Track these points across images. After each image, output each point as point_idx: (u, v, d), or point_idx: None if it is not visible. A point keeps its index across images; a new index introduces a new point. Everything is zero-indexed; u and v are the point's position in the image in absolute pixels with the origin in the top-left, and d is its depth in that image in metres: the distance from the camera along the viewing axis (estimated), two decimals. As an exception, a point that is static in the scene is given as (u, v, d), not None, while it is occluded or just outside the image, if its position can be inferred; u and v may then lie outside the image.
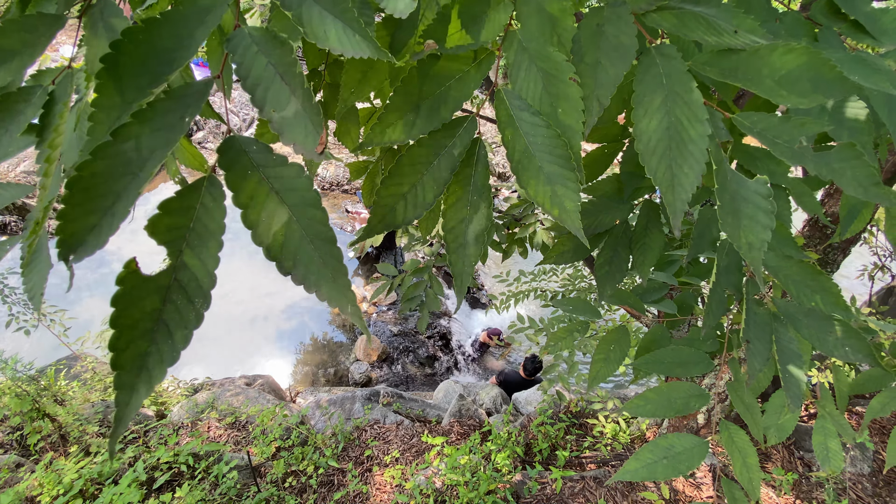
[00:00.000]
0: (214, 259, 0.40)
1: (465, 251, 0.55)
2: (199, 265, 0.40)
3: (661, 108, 0.56)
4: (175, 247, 0.40)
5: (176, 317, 0.39)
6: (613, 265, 1.03)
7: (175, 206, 0.41)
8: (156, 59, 0.47)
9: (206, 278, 0.40)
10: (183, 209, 0.41)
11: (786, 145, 0.58)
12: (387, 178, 0.55)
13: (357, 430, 4.09)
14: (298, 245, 0.42)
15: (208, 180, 0.42)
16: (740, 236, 0.56)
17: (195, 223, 0.41)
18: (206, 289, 0.40)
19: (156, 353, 0.38)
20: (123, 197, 0.42)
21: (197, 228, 0.41)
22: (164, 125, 0.44)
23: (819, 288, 0.96)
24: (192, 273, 0.40)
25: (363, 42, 0.47)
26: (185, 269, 0.40)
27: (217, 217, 0.41)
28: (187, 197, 0.42)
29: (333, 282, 0.42)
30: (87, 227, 0.40)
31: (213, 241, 0.40)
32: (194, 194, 0.42)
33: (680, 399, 1.17)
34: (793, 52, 0.60)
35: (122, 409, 0.37)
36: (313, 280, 0.42)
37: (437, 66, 0.57)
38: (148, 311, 0.38)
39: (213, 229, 0.41)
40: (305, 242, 0.42)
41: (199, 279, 0.40)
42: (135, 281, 0.38)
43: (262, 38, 0.47)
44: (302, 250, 0.42)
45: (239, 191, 0.43)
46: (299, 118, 0.43)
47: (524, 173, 0.56)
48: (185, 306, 0.39)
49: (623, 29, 0.58)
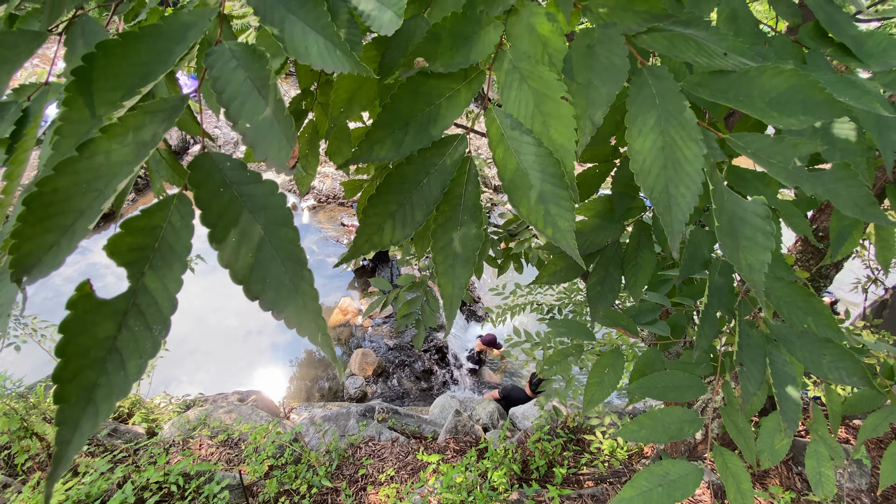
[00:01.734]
0: (177, 282, 0.38)
1: (454, 273, 0.53)
2: (160, 289, 0.37)
3: (655, 127, 0.55)
4: (137, 268, 0.38)
5: (131, 345, 0.36)
6: (605, 285, 1.02)
7: (140, 225, 0.39)
8: (131, 72, 0.45)
9: (167, 303, 0.38)
10: (148, 228, 0.39)
11: (780, 165, 0.58)
12: (374, 196, 0.53)
13: (352, 447, 4.01)
14: (269, 267, 0.40)
15: (178, 198, 0.40)
16: (740, 258, 0.55)
17: (160, 243, 0.39)
18: (166, 314, 0.38)
19: (105, 385, 0.35)
20: (86, 214, 0.39)
21: (162, 249, 0.38)
22: (134, 141, 0.42)
23: (811, 310, 0.95)
24: (152, 297, 0.37)
25: (344, 57, 0.46)
26: (146, 293, 0.37)
27: (184, 237, 0.39)
28: (154, 215, 0.39)
29: (304, 308, 0.40)
30: (44, 246, 0.38)
31: (178, 263, 0.38)
32: (162, 212, 0.40)
33: (674, 424, 1.15)
34: (782, 74, 0.60)
35: (62, 449, 0.34)
36: (282, 305, 0.40)
37: (426, 84, 0.56)
38: (101, 338, 0.36)
39: (179, 250, 0.39)
40: (276, 264, 0.40)
41: (159, 304, 0.37)
42: (88, 305, 0.36)
43: (242, 52, 0.45)
44: (272, 273, 0.40)
45: (208, 209, 0.40)
46: (273, 131, 0.41)
47: (516, 192, 0.54)
48: (143, 333, 0.36)
49: (614, 50, 0.58)
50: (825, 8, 0.96)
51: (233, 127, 0.42)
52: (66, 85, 0.43)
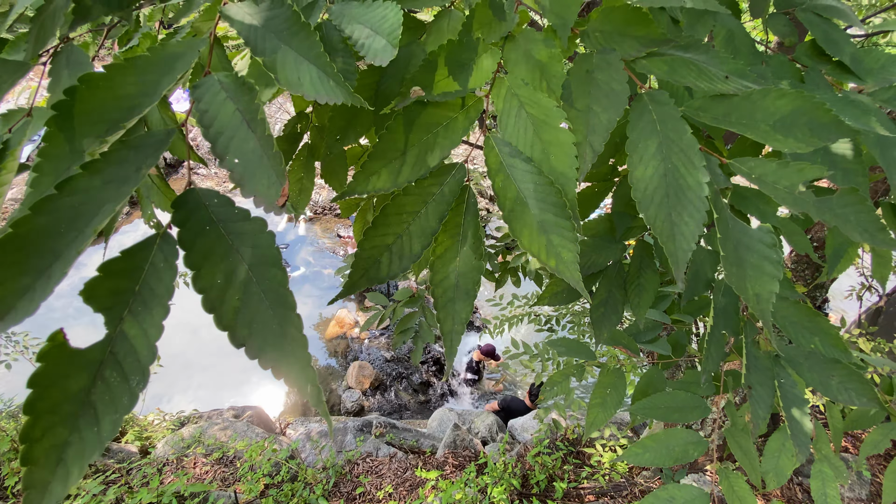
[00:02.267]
0: (158, 329, 0.36)
1: (453, 308, 0.51)
2: (140, 336, 0.35)
3: (657, 154, 0.54)
4: (115, 314, 0.35)
5: (106, 398, 0.34)
6: (609, 306, 1.00)
7: (120, 268, 0.36)
8: (115, 106, 0.43)
9: (147, 351, 0.35)
10: (129, 270, 0.37)
11: (786, 191, 0.56)
12: (370, 229, 0.51)
13: (349, 463, 3.94)
14: (256, 310, 0.38)
15: (162, 238, 0.38)
16: (747, 287, 0.53)
17: (141, 287, 0.36)
18: (145, 364, 0.35)
19: (77, 442, 0.33)
20: (63, 256, 0.37)
21: (143, 293, 0.36)
22: (117, 177, 0.40)
23: (817, 329, 0.93)
24: (131, 345, 0.35)
25: (338, 88, 0.44)
26: (125, 341, 0.35)
27: (167, 280, 0.37)
28: (135, 256, 0.37)
29: (293, 356, 0.38)
30: (19, 290, 0.36)
31: (160, 308, 0.36)
32: (144, 253, 0.38)
33: (678, 446, 1.13)
34: (786, 96, 0.59)
35: (29, 515, 0.31)
36: (270, 353, 0.37)
37: (423, 113, 0.55)
38: (73, 391, 0.33)
39: (161, 294, 0.36)
40: (264, 307, 0.38)
41: (138, 352, 0.35)
42: (61, 355, 0.33)
43: (231, 84, 0.44)
44: (259, 317, 0.38)
45: (193, 249, 0.38)
46: (262, 167, 0.40)
47: (517, 222, 0.53)
48: (119, 386, 0.34)
49: (614, 75, 0.57)
50: (822, 26, 0.96)
51: (220, 163, 0.40)
52: (47, 120, 0.41)
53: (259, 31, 0.48)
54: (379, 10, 0.51)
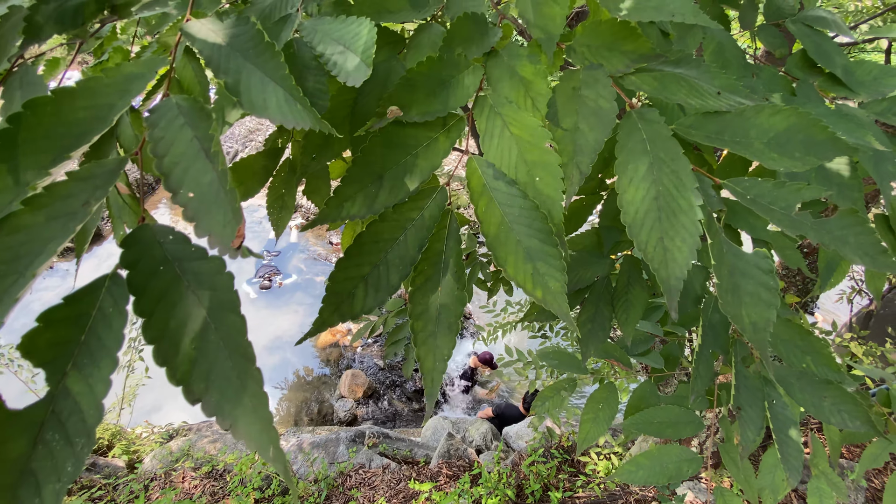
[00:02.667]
0: (106, 383, 0.32)
1: (434, 343, 0.48)
2: (85, 392, 0.32)
3: (647, 176, 0.51)
4: (57, 368, 0.32)
5: (48, 464, 0.30)
6: (596, 323, 0.98)
7: (62, 316, 0.33)
8: (64, 133, 0.40)
9: (93, 409, 0.32)
10: (73, 318, 0.33)
11: (782, 212, 0.54)
12: (342, 259, 0.48)
13: (341, 475, 3.88)
14: (214, 361, 0.34)
15: (111, 280, 0.35)
16: (742, 316, 0.51)
17: (88, 336, 0.33)
18: (91, 424, 0.31)
19: None
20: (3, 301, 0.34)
21: (89, 343, 0.33)
22: (62, 212, 0.36)
23: (810, 349, 0.91)
24: (75, 403, 0.31)
25: (305, 112, 0.41)
26: (68, 399, 0.31)
27: (116, 327, 0.34)
28: (81, 302, 0.34)
29: (254, 413, 0.34)
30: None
31: (108, 360, 0.32)
32: (90, 298, 0.34)
33: (672, 464, 1.11)
34: (780, 113, 0.57)
35: None
36: (229, 410, 0.34)
37: (401, 134, 0.52)
38: (11, 458, 0.30)
39: (110, 344, 0.33)
40: (223, 357, 0.34)
41: (83, 411, 0.31)
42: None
43: (190, 108, 0.40)
44: (217, 368, 0.34)
45: (144, 293, 0.35)
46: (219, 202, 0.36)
47: (501, 249, 0.50)
48: (62, 450, 0.30)
49: (601, 92, 0.54)
50: (813, 37, 0.95)
51: (173, 198, 0.37)
52: (-12, 149, 0.37)
53: (223, 49, 0.45)
54: (353, 27, 0.49)
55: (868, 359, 3.67)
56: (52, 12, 0.48)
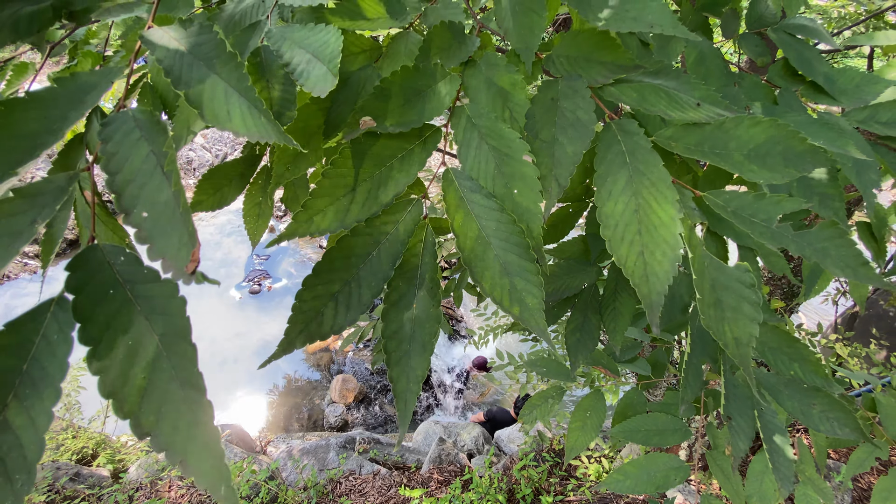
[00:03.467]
0: (48, 416, 0.30)
1: (408, 363, 0.46)
2: (26, 425, 0.29)
3: (627, 189, 0.50)
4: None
5: None
6: (584, 332, 0.96)
7: (3, 344, 0.31)
8: (13, 146, 0.38)
9: (34, 444, 0.29)
10: (14, 346, 0.31)
11: (763, 225, 0.53)
12: (310, 277, 0.46)
13: (331, 482, 3.84)
14: (165, 391, 0.32)
15: (56, 304, 0.33)
16: (725, 331, 0.50)
17: (30, 365, 0.31)
18: (32, 460, 0.29)
19: None
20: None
21: (31, 372, 0.30)
22: (7, 231, 0.34)
23: (797, 356, 0.91)
24: (16, 437, 0.29)
25: (269, 126, 0.39)
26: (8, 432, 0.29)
27: (60, 355, 0.31)
28: (23, 328, 0.32)
29: (206, 449, 0.32)
30: None
31: (51, 390, 0.30)
32: (33, 324, 0.32)
33: (660, 472, 1.10)
34: (760, 124, 0.56)
35: None
36: (180, 444, 0.31)
37: (375, 145, 0.50)
38: None
39: (53, 373, 0.31)
40: (174, 388, 0.32)
41: (24, 446, 0.29)
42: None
43: (147, 121, 0.38)
44: (169, 399, 0.32)
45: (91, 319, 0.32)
46: (174, 224, 0.34)
47: (478, 264, 0.48)
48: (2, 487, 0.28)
49: (580, 104, 0.53)
50: (794, 46, 0.95)
51: (125, 218, 0.35)
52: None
53: (185, 57, 0.43)
54: (321, 35, 0.47)
55: (853, 360, 3.72)
56: (6, 20, 0.46)
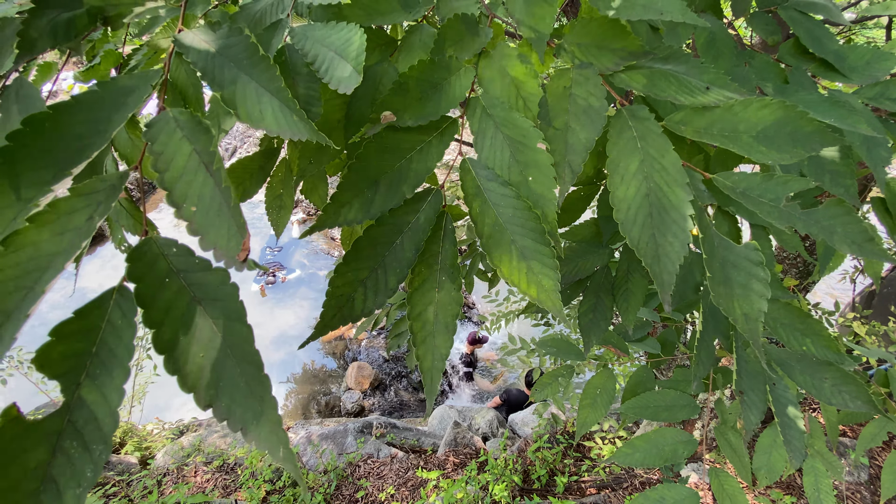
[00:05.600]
0: (119, 392, 0.34)
1: (433, 342, 0.50)
2: (100, 401, 0.33)
3: (638, 173, 0.52)
4: (71, 380, 0.33)
5: (67, 471, 0.32)
6: (597, 312, 0.99)
7: (73, 329, 0.34)
8: (64, 148, 0.41)
9: (108, 418, 0.33)
10: (84, 331, 0.34)
11: (771, 205, 0.55)
12: (341, 264, 0.49)
13: (350, 465, 3.95)
14: (222, 368, 0.36)
15: (118, 292, 0.36)
16: (735, 307, 0.52)
17: (99, 347, 0.34)
18: (107, 431, 0.33)
19: None
20: (13, 317, 0.35)
21: (101, 354, 0.34)
22: (67, 228, 0.37)
23: (809, 331, 0.92)
24: (90, 412, 0.33)
25: (301, 123, 0.42)
26: (83, 408, 0.33)
27: (126, 338, 0.35)
28: (90, 315, 0.35)
29: (263, 416, 0.36)
30: (-35, 355, 0.34)
31: (120, 370, 0.34)
32: (99, 311, 0.35)
33: (668, 446, 1.13)
34: (768, 106, 0.57)
35: None
36: (239, 414, 0.35)
37: (395, 138, 0.53)
38: (32, 466, 0.31)
39: (121, 354, 0.34)
40: (231, 365, 0.36)
41: (99, 419, 0.33)
42: (16, 430, 0.31)
43: (187, 122, 0.41)
44: (226, 375, 0.36)
45: (152, 305, 0.36)
46: (222, 216, 0.37)
47: (496, 249, 0.51)
48: (81, 456, 0.32)
49: (592, 91, 0.55)
50: (804, 24, 0.94)
51: (176, 213, 0.38)
52: (-9, 168, 0.38)
53: (217, 59, 0.46)
54: (343, 33, 0.49)
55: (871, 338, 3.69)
56: (45, 27, 0.49)
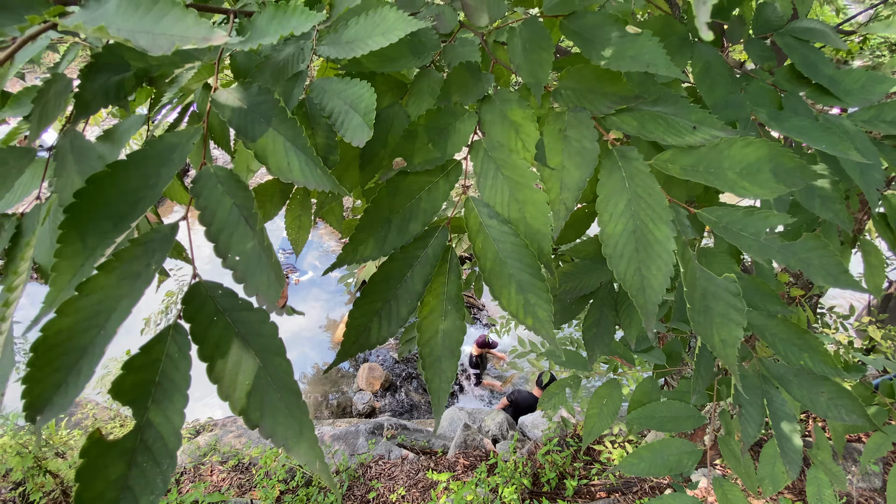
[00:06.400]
0: (180, 415, 0.40)
1: (440, 366, 0.55)
2: (165, 422, 0.40)
3: (626, 211, 0.57)
4: (140, 405, 0.40)
5: (142, 482, 0.38)
6: (601, 327, 1.04)
7: (140, 363, 0.41)
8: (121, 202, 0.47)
9: (173, 437, 0.39)
10: (148, 364, 0.41)
11: (752, 238, 0.59)
12: (360, 299, 0.55)
13: (362, 466, 4.03)
14: (265, 394, 0.42)
15: (174, 329, 0.43)
16: (713, 334, 0.56)
17: (161, 377, 0.41)
18: (173, 448, 0.39)
19: None
20: (90, 353, 0.42)
21: (163, 383, 0.41)
22: (130, 273, 0.44)
23: (806, 346, 0.96)
24: (157, 432, 0.39)
25: (324, 177, 0.48)
26: (151, 428, 0.39)
27: (183, 368, 0.41)
28: (152, 350, 0.42)
29: (301, 435, 0.42)
30: (53, 385, 0.41)
31: (179, 396, 0.40)
32: (159, 346, 0.42)
33: (673, 456, 1.17)
34: (752, 144, 0.62)
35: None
36: (281, 433, 0.41)
37: (405, 182, 0.58)
38: (113, 479, 0.37)
39: (179, 382, 0.41)
40: (272, 391, 0.42)
41: (164, 438, 0.39)
42: (99, 450, 0.38)
43: (226, 177, 0.48)
44: (269, 400, 0.42)
45: (204, 341, 0.42)
46: (262, 265, 0.44)
47: (497, 282, 0.56)
48: (152, 469, 0.38)
49: (585, 133, 0.60)
50: (800, 49, 0.98)
51: (223, 263, 0.44)
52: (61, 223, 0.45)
53: (248, 114, 0.52)
54: (356, 88, 0.55)
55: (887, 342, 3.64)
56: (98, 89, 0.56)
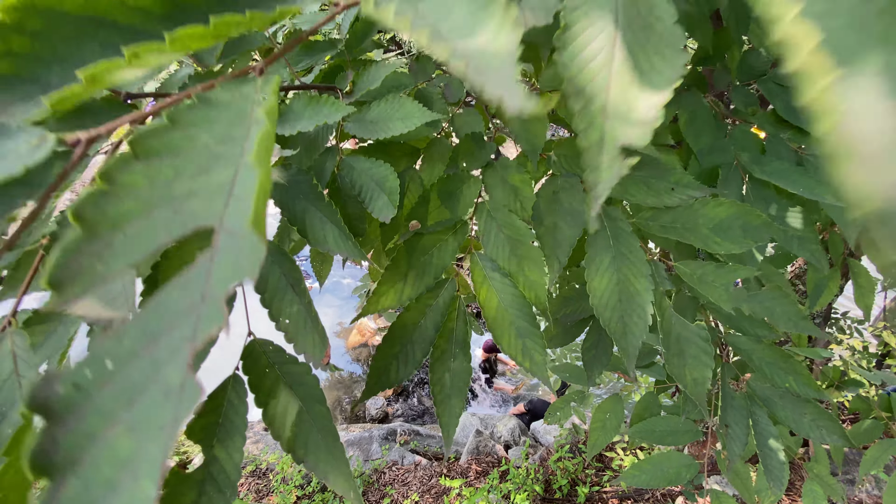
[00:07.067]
0: (239, 452, 0.50)
1: (449, 403, 0.65)
2: (227, 457, 0.50)
3: (611, 267, 0.66)
4: (207, 443, 0.50)
5: None
6: (599, 349, 1.12)
7: (207, 408, 0.51)
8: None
9: (234, 470, 0.49)
10: (213, 409, 0.51)
11: (722, 288, 0.68)
12: (382, 345, 0.65)
13: (375, 472, 4.12)
14: (308, 435, 0.52)
15: (233, 379, 0.53)
16: (685, 374, 0.65)
17: (223, 419, 0.51)
18: (234, 480, 0.49)
19: None
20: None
21: (225, 424, 0.51)
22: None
23: (791, 370, 1.03)
24: (221, 465, 0.49)
25: (354, 248, 0.58)
26: (216, 462, 0.49)
27: (241, 412, 0.51)
28: (216, 397, 0.52)
29: (339, 471, 0.51)
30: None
31: (238, 435, 0.50)
32: (222, 393, 0.52)
33: (672, 469, 1.24)
34: (723, 204, 0.71)
35: None
36: (322, 468, 0.51)
37: (420, 240, 0.68)
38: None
39: (238, 424, 0.51)
40: (314, 433, 0.52)
41: (227, 471, 0.49)
42: (177, 480, 0.48)
43: (274, 249, 0.58)
44: (312, 440, 0.52)
45: (260, 390, 0.53)
46: (307, 329, 0.54)
47: (499, 328, 0.66)
48: (217, 497, 0.48)
49: (575, 196, 0.69)
50: (782, 95, 1.06)
51: (276, 326, 0.54)
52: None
53: (289, 192, 0.62)
54: (381, 169, 0.65)
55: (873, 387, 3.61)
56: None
